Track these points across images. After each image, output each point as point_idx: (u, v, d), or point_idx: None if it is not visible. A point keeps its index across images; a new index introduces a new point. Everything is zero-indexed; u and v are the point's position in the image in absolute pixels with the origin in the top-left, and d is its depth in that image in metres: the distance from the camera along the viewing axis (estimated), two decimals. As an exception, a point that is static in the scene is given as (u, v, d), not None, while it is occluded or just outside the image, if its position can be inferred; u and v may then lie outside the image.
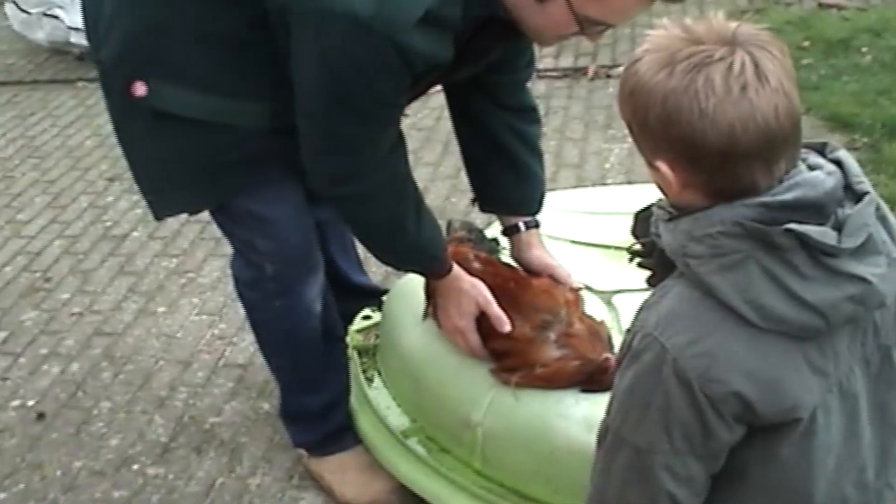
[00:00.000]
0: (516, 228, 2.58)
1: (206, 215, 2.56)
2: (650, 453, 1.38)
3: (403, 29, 1.94)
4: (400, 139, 2.25)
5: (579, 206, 3.07)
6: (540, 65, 5.43)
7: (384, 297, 3.04)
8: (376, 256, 2.51)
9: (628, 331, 1.44)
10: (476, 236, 2.72)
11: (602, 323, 2.43)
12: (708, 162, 1.30)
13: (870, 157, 4.34)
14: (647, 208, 1.51)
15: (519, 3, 2.02)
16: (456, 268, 2.39)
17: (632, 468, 1.41)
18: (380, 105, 2.10)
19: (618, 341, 2.35)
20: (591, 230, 2.92)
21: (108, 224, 4.27)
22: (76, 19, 5.78)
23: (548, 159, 3.11)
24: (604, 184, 4.25)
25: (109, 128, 2.46)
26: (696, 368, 1.32)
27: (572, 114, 5.13)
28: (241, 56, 2.22)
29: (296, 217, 2.51)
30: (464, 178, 2.68)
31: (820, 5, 6.21)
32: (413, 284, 2.63)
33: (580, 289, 2.51)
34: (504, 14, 2.06)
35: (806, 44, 5.54)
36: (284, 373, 2.72)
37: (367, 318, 3.01)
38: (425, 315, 2.56)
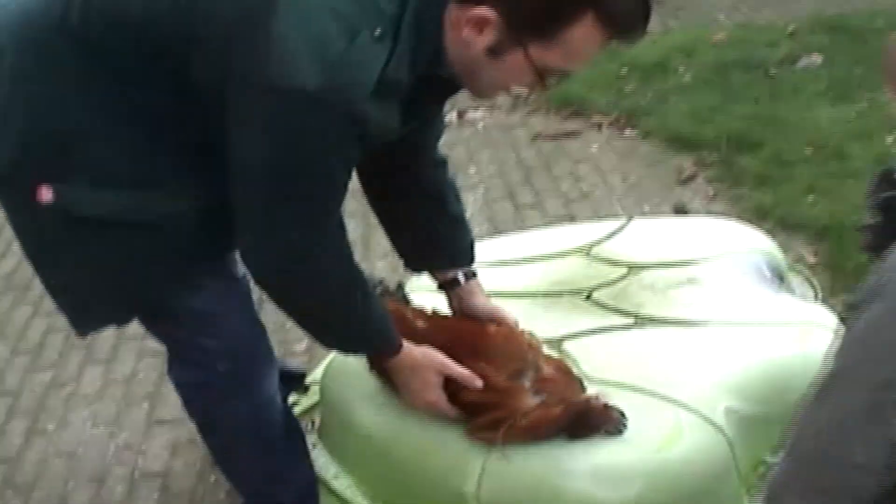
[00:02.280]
0: (456, 281, 2.51)
1: (64, 323, 2.30)
2: (888, 390, 1.36)
3: (358, 97, 1.83)
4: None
5: (491, 257, 2.98)
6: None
7: (307, 381, 2.91)
8: (324, 343, 2.36)
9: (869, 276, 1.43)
10: (398, 292, 2.65)
11: (563, 362, 2.37)
12: None
13: (724, 172, 4.43)
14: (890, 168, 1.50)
15: (468, 60, 1.93)
16: (405, 343, 2.27)
17: (862, 411, 1.38)
18: (332, 178, 1.97)
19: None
20: (511, 280, 2.86)
21: (-39, 343, 3.94)
22: None
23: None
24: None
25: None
26: None
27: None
28: (157, 142, 2.01)
29: (240, 305, 2.33)
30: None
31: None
32: (342, 360, 2.52)
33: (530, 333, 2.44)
34: (445, 71, 1.97)
35: (624, 71, 5.62)
36: (250, 475, 2.52)
37: (293, 404, 2.85)
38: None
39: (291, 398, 2.87)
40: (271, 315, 2.38)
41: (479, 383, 2.24)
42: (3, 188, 2.09)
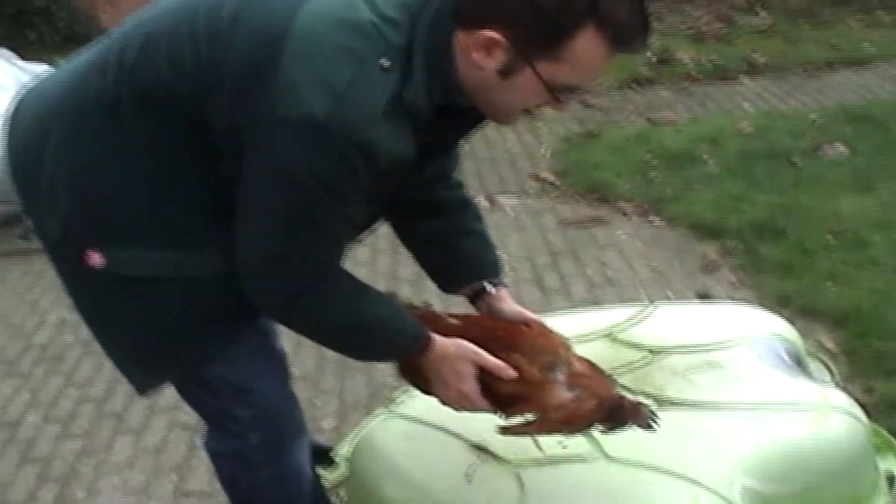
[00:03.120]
0: (484, 291, 2.47)
1: (99, 392, 2.36)
2: None
3: (366, 125, 1.87)
4: None
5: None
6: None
7: (334, 455, 2.95)
8: (353, 358, 2.43)
9: None
10: (424, 304, 2.65)
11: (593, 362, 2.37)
12: None
13: (748, 260, 4.49)
14: None
15: (482, 84, 1.97)
16: (436, 336, 2.25)
17: None
18: (339, 209, 2.00)
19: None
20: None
21: (-4, 412, 4.02)
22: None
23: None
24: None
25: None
26: None
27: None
28: (192, 203, 2.09)
29: (273, 377, 2.40)
30: None
31: (651, 122, 6.44)
32: (370, 436, 2.54)
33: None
34: (464, 100, 2.01)
35: (649, 157, 5.72)
36: None
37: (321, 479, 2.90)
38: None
39: (319, 472, 2.92)
40: (301, 392, 2.44)
41: (512, 373, 2.22)
42: (56, 256, 2.20)
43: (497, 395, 2.26)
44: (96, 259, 2.10)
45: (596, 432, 2.31)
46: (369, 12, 1.92)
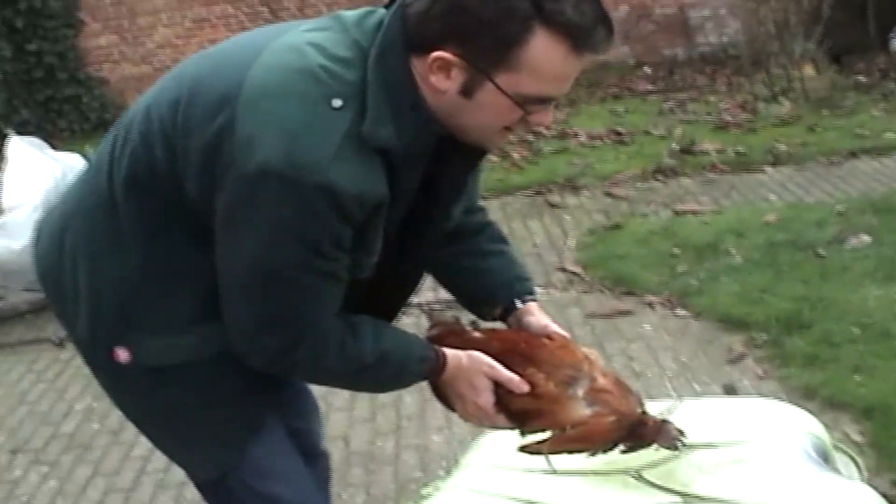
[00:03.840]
0: (513, 305, 2.41)
1: (127, 482, 2.37)
2: None
3: (322, 166, 1.84)
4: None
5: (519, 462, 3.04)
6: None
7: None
8: (366, 392, 2.38)
9: None
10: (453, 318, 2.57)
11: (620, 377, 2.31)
12: None
13: (774, 352, 4.50)
14: None
15: (450, 108, 1.95)
16: (448, 351, 2.21)
17: None
18: (315, 263, 1.94)
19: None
20: (562, 458, 2.91)
21: (24, 500, 4.04)
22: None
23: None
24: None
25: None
26: None
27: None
28: (199, 275, 2.07)
29: (315, 488, 2.41)
30: (381, 419, 2.61)
31: (675, 213, 6.48)
32: None
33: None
34: (442, 129, 1.98)
35: (676, 251, 5.75)
36: None
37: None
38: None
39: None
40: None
41: (525, 388, 2.19)
42: (88, 359, 2.24)
43: (511, 411, 2.21)
44: (124, 356, 2.13)
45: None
46: (318, 56, 1.92)
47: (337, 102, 1.88)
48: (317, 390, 2.62)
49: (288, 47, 1.96)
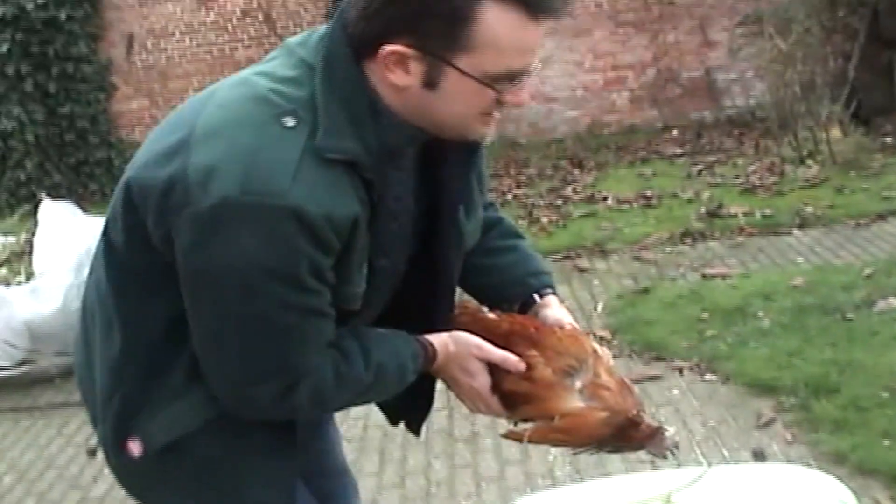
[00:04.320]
0: (532, 300, 2.31)
1: None
2: None
3: (282, 187, 1.74)
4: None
5: None
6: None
7: None
8: (381, 399, 2.25)
9: None
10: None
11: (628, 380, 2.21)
12: None
13: (803, 417, 4.49)
14: None
15: (416, 105, 1.86)
16: (434, 338, 2.11)
17: None
18: (296, 299, 1.83)
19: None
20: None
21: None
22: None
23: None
24: (553, 478, 4.25)
25: (28, 458, 2.33)
26: None
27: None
28: (188, 344, 1.96)
29: None
30: (411, 484, 2.58)
31: (703, 276, 6.49)
32: None
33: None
34: (419, 132, 1.91)
35: (704, 315, 5.75)
36: None
37: None
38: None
39: None
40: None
41: (521, 367, 2.10)
42: (109, 463, 2.17)
43: (503, 393, 2.14)
44: (136, 448, 2.03)
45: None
46: (266, 82, 1.86)
47: (289, 121, 1.80)
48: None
49: (236, 82, 1.91)
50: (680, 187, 8.91)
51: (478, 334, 2.15)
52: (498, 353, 2.11)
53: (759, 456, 4.18)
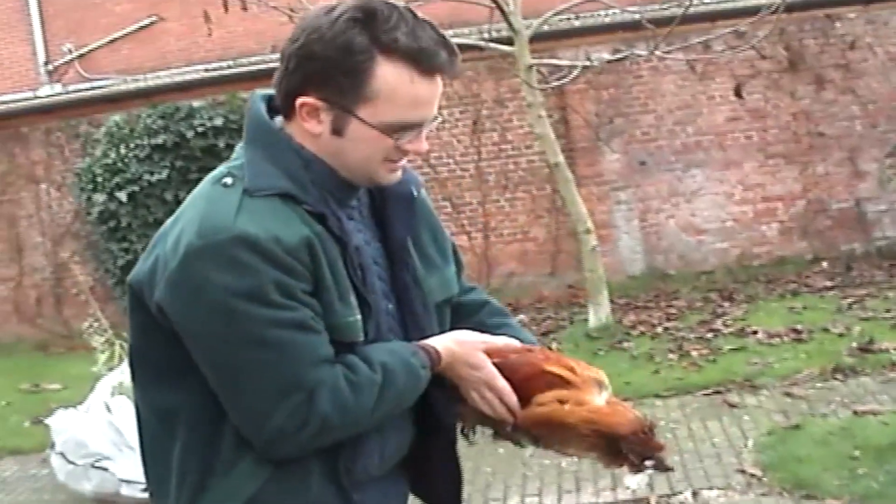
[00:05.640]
0: None
1: None
2: None
3: (228, 222, 2.01)
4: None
5: None
6: (598, 498, 5.63)
7: None
8: (400, 409, 2.28)
9: None
10: None
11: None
12: None
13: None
14: None
15: (329, 151, 2.12)
16: (436, 341, 2.25)
17: None
18: (279, 316, 2.02)
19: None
20: None
21: None
22: (126, 471, 5.93)
23: None
24: None
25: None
26: None
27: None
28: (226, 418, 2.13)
29: None
30: None
31: (855, 413, 6.50)
32: None
33: None
34: (347, 175, 2.15)
35: (856, 453, 5.76)
36: None
37: None
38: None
39: None
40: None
41: (517, 343, 2.31)
42: None
43: (549, 369, 2.27)
44: None
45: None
46: (221, 167, 2.18)
47: (228, 181, 2.11)
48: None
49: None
50: (831, 321, 8.90)
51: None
52: (499, 342, 2.29)
53: None
